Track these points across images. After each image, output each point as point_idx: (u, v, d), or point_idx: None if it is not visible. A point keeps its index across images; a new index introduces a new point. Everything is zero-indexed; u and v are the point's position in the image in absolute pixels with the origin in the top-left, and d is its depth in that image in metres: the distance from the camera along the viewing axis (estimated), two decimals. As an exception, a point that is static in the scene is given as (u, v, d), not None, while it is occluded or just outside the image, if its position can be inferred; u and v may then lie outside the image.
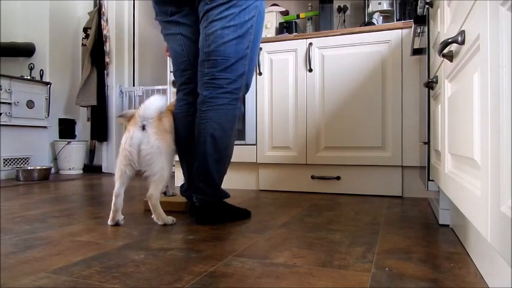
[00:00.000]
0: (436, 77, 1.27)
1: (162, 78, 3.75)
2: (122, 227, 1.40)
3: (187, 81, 1.58)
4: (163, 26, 1.61)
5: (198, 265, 0.96)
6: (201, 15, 1.48)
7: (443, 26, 1.13)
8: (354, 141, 2.26)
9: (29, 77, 3.49)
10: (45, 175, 3.14)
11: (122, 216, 1.47)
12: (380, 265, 0.97)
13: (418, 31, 1.85)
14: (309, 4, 3.09)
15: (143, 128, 1.40)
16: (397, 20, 2.57)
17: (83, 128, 4.05)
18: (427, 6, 1.56)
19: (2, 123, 3.14)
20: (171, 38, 1.60)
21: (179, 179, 2.72)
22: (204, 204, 1.46)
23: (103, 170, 3.81)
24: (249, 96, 2.51)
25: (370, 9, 2.71)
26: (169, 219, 1.45)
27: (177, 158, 1.70)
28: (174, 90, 1.76)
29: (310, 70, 2.36)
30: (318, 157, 2.34)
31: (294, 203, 1.97)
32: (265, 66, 2.49)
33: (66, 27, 3.91)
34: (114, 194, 1.43)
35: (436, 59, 1.30)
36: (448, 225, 1.42)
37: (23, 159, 3.39)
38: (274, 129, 2.46)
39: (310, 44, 2.35)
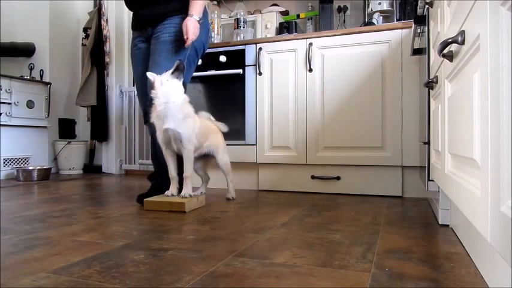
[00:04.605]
0: (436, 77, 1.27)
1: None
2: (122, 227, 1.40)
3: None
4: None
5: (198, 265, 0.96)
6: None
7: (443, 26, 1.13)
8: (354, 141, 2.26)
9: (29, 77, 3.50)
10: (45, 175, 3.14)
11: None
12: (380, 265, 0.97)
13: (418, 31, 1.85)
14: (309, 4, 3.09)
15: None
16: (397, 20, 2.57)
17: (83, 128, 4.05)
18: (427, 6, 1.56)
19: (2, 123, 3.14)
20: None
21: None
22: None
23: (103, 170, 3.81)
24: (249, 96, 2.51)
25: (370, 9, 2.71)
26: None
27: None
28: None
29: (310, 70, 2.36)
30: (318, 157, 2.34)
31: (294, 203, 1.97)
32: (265, 66, 2.49)
33: (66, 27, 3.91)
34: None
35: (436, 59, 1.30)
36: (448, 225, 1.42)
37: (23, 159, 3.39)
38: (274, 129, 2.46)
39: (310, 44, 2.35)
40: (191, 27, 1.82)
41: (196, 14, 1.85)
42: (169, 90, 1.72)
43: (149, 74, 1.75)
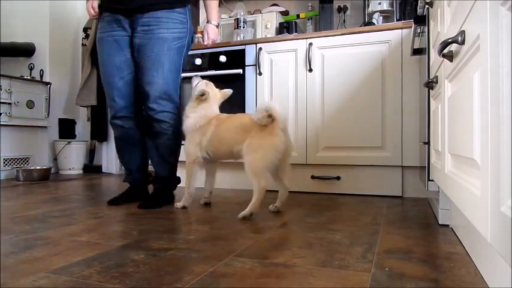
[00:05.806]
0: (436, 77, 1.27)
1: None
2: (122, 227, 1.40)
3: None
4: None
5: (198, 265, 0.96)
6: None
7: (443, 26, 1.13)
8: (354, 141, 2.26)
9: (29, 77, 3.49)
10: (45, 175, 3.14)
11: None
12: (380, 265, 0.97)
13: (418, 31, 1.85)
14: (309, 4, 3.09)
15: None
16: (397, 20, 2.57)
17: (83, 128, 4.05)
18: (427, 6, 1.56)
19: (2, 123, 3.14)
20: None
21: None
22: None
23: (103, 170, 3.81)
24: (249, 96, 2.51)
25: (370, 9, 2.71)
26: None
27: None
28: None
29: (310, 70, 2.36)
30: (318, 157, 2.34)
31: (294, 203, 1.97)
32: (265, 66, 2.49)
33: (66, 27, 3.91)
34: (264, 189, 1.57)
35: (436, 59, 1.30)
36: (448, 225, 1.42)
37: (23, 159, 3.39)
38: (274, 129, 2.46)
39: (310, 44, 2.35)
40: (212, 33, 2.01)
41: (215, 20, 2.02)
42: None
43: (199, 81, 1.92)
